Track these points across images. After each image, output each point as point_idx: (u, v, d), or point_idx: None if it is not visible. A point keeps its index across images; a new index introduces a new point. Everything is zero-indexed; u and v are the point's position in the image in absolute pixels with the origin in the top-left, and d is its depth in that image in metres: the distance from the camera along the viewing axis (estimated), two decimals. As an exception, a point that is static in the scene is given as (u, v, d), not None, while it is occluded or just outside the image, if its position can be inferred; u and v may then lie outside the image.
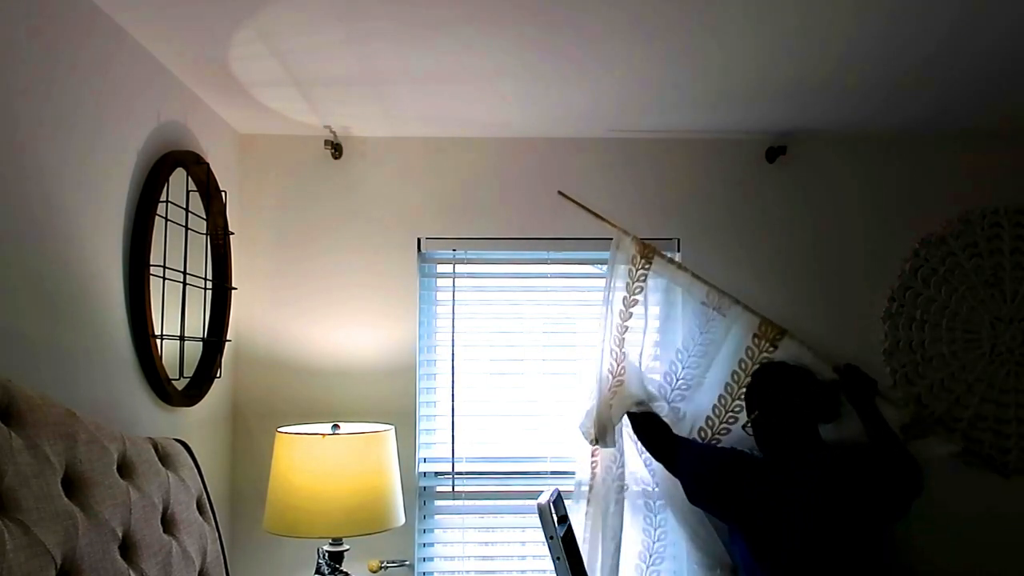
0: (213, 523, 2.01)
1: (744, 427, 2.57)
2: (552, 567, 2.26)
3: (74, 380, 1.76)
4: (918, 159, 2.84)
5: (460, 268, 2.88)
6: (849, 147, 2.84)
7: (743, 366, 2.63)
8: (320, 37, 2.03)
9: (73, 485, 1.45)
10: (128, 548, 1.56)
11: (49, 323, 1.68)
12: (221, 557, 2.00)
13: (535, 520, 2.33)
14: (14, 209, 1.55)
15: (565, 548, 2.28)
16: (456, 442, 2.79)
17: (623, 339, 2.66)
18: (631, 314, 2.68)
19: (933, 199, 2.83)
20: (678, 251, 2.84)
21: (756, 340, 2.63)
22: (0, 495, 1.26)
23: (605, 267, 2.85)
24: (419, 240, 2.83)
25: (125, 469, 1.65)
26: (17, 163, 1.56)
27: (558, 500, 2.38)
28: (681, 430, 2.63)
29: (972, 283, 2.78)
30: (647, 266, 2.69)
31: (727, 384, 2.66)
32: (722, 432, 2.65)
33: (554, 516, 2.30)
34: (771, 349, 2.62)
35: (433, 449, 2.84)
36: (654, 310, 2.72)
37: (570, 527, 2.41)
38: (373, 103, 2.50)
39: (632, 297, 2.68)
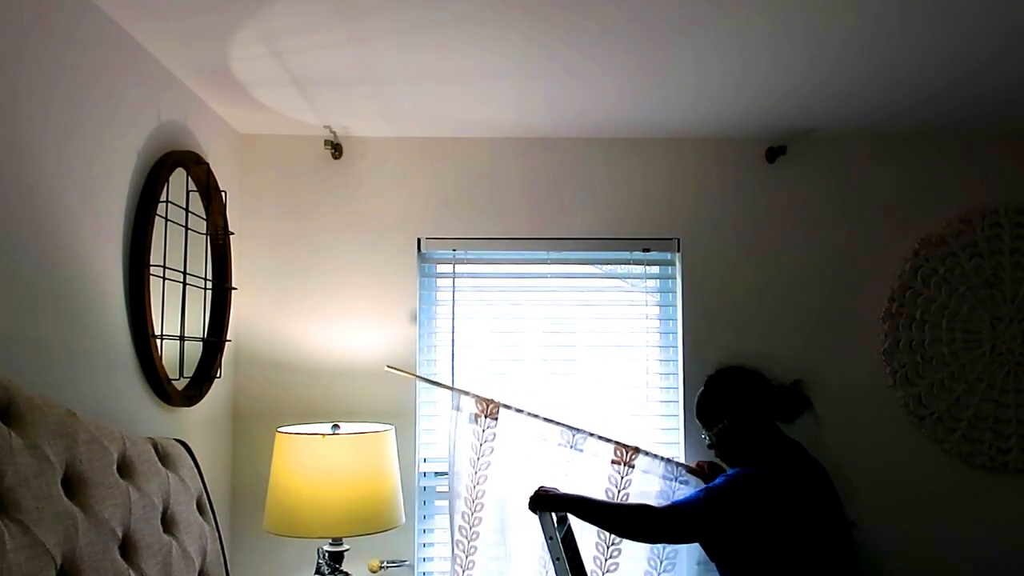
0: (213, 523, 2.01)
1: (709, 447, 2.42)
2: (552, 567, 2.27)
3: (74, 380, 1.76)
4: (918, 159, 2.84)
5: (460, 268, 2.88)
6: (849, 147, 2.84)
7: (610, 495, 2.56)
8: (320, 37, 2.03)
9: (73, 485, 1.45)
10: (128, 548, 1.57)
11: (49, 323, 1.67)
12: (221, 557, 2.01)
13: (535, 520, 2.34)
14: (14, 209, 1.55)
15: (565, 548, 2.28)
16: (456, 442, 2.79)
17: (477, 499, 2.58)
18: (485, 477, 2.59)
19: (933, 199, 2.83)
20: (678, 251, 2.84)
21: (615, 466, 2.56)
22: (0, 495, 1.26)
23: (606, 267, 2.83)
24: (419, 240, 2.83)
25: (125, 469, 1.65)
26: (17, 163, 1.56)
27: (558, 500, 2.39)
28: None
29: (972, 283, 2.78)
30: (493, 424, 2.60)
31: None
32: (611, 569, 2.56)
33: (554, 516, 2.31)
34: (629, 470, 2.56)
35: (433, 449, 2.84)
36: (510, 464, 2.60)
37: (570, 527, 2.41)
38: (373, 103, 2.50)
39: (482, 459, 2.59)
